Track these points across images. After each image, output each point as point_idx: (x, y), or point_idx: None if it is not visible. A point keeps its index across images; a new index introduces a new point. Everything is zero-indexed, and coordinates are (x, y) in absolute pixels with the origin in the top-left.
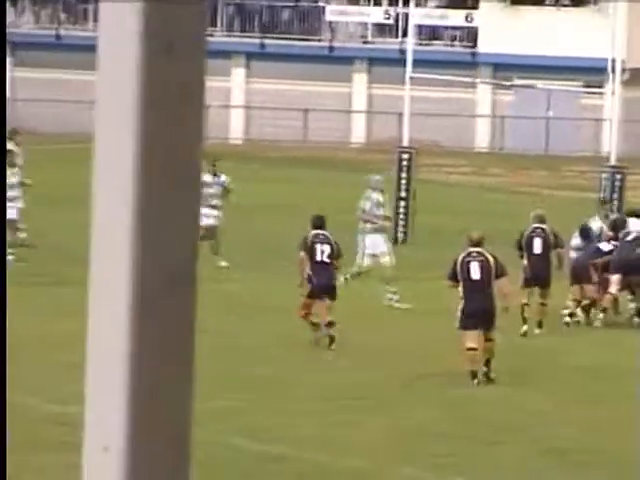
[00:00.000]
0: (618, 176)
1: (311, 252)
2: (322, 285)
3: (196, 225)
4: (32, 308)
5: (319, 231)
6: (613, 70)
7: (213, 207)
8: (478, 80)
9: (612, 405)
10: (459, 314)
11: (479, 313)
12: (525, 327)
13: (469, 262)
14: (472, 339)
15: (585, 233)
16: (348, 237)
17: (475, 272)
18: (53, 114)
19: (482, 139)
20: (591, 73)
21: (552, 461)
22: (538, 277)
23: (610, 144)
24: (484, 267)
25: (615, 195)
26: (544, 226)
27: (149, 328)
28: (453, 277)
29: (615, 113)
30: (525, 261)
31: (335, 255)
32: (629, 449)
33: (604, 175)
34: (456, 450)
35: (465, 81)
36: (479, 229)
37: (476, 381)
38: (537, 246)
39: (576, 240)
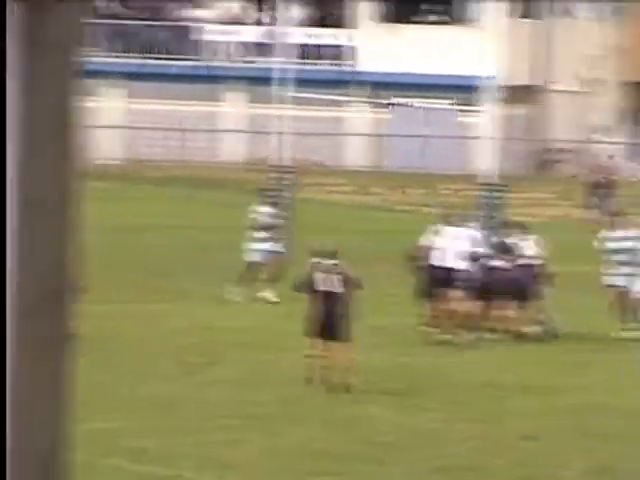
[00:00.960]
0: (496, 194)
1: None
2: None
3: (69, 247)
4: None
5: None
6: (488, 88)
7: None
8: (356, 99)
9: (499, 422)
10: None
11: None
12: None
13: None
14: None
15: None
16: (232, 255)
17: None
18: None
19: (361, 158)
20: (467, 91)
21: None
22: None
23: (486, 162)
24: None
25: (494, 213)
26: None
27: (24, 342)
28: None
29: (491, 131)
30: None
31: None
32: (516, 465)
33: (483, 193)
34: (337, 469)
35: (344, 100)
36: (360, 247)
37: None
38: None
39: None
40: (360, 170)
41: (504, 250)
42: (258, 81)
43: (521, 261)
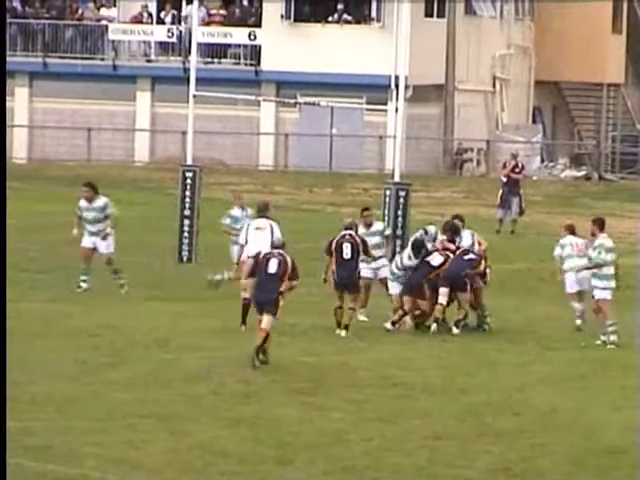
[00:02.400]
0: (402, 193)
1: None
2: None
3: None
4: None
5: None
6: (396, 87)
7: (93, 234)
8: (261, 98)
9: (403, 422)
10: None
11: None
12: (340, 331)
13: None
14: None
15: (418, 248)
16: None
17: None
18: None
19: (266, 157)
20: (374, 90)
21: (344, 479)
22: (347, 282)
23: (393, 161)
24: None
25: (399, 212)
26: (352, 232)
27: None
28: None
29: (398, 130)
30: (334, 266)
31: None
32: (421, 465)
33: (388, 192)
34: (243, 469)
35: (249, 99)
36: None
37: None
38: (346, 252)
39: (409, 261)
40: (265, 169)
41: (419, 247)
42: (163, 80)
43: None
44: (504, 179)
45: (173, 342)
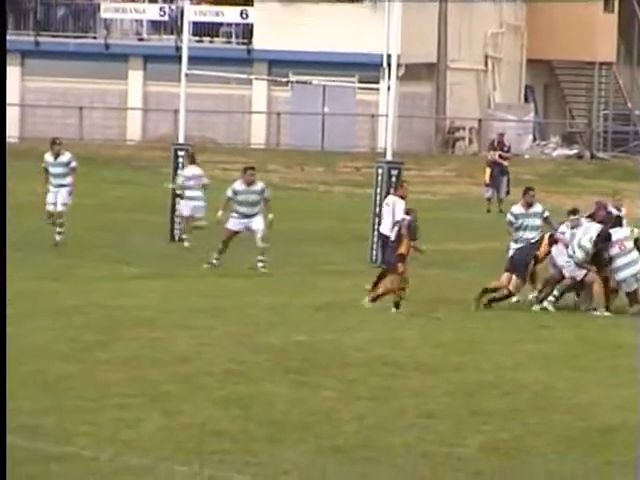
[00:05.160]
0: (394, 172)
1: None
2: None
3: None
4: None
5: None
6: (389, 66)
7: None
8: (254, 77)
9: (394, 400)
10: None
11: None
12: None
13: None
14: None
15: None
16: (122, 233)
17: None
18: None
19: (258, 136)
20: (367, 69)
21: (337, 458)
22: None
23: (385, 140)
24: None
25: (391, 191)
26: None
27: None
28: None
29: (390, 109)
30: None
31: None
32: (412, 443)
33: (380, 170)
34: (235, 448)
35: (241, 77)
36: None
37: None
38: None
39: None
40: (257, 148)
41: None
42: (155, 59)
43: None
44: (496, 158)
45: (163, 320)
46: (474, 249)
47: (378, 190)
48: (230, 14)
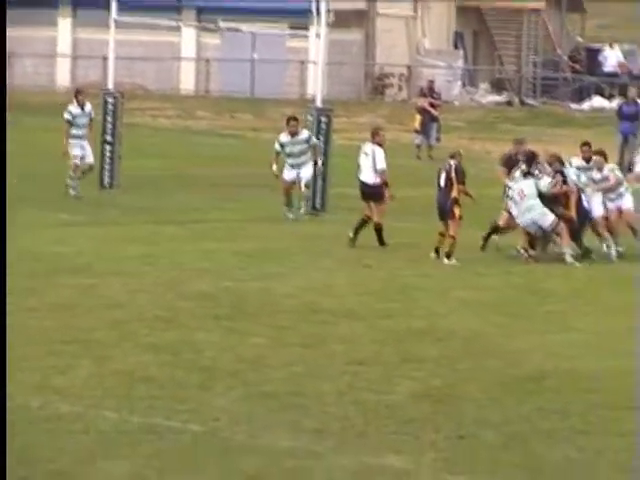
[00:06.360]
0: (324, 119)
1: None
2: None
3: None
4: None
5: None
6: (318, 12)
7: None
8: (182, 24)
9: (324, 347)
10: None
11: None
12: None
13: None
14: None
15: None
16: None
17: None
18: None
19: (188, 82)
20: (296, 16)
21: (267, 405)
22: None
23: (315, 86)
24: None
25: (321, 137)
26: (453, 161)
27: None
28: None
29: (320, 56)
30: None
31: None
32: (343, 390)
33: (309, 117)
34: (165, 394)
35: (170, 25)
36: (187, 173)
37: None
38: (441, 180)
39: None
40: (187, 95)
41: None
42: (84, 5)
43: None
44: (426, 105)
45: (95, 267)
46: (406, 196)
47: None
48: None
